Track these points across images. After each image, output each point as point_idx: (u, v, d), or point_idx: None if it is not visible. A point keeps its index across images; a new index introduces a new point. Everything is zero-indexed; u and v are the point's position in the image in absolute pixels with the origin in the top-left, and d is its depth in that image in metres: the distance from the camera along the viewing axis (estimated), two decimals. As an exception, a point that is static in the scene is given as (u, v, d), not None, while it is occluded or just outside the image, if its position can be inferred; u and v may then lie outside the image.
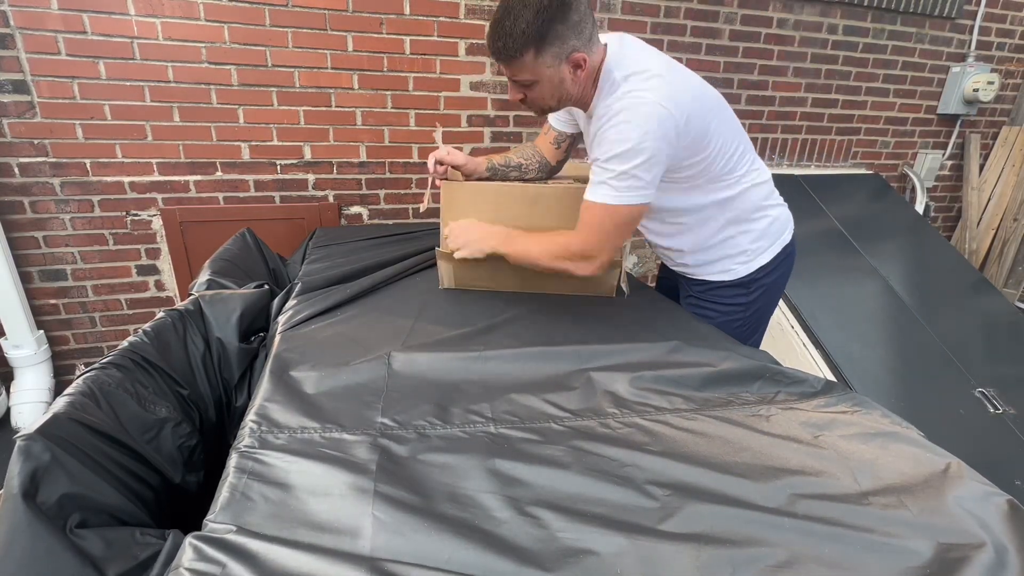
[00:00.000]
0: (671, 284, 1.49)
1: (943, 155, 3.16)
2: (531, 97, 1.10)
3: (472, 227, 1.24)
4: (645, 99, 1.02)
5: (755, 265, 1.29)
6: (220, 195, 2.09)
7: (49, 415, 0.67)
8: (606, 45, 1.09)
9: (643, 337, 1.08)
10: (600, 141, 1.07)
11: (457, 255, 1.22)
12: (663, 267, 1.55)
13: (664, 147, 1.04)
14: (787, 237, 1.33)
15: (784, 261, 1.33)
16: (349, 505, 0.61)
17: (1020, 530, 0.59)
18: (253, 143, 2.06)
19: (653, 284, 1.74)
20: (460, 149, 1.35)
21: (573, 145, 1.43)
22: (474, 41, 2.17)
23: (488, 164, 1.36)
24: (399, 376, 0.90)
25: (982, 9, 2.85)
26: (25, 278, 1.97)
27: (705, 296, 1.34)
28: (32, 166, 1.87)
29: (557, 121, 1.36)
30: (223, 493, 0.63)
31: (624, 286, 1.33)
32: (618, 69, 1.08)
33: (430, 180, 1.30)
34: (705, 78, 1.19)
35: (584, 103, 1.15)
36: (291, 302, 1.19)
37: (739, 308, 1.33)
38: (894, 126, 2.99)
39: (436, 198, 1.31)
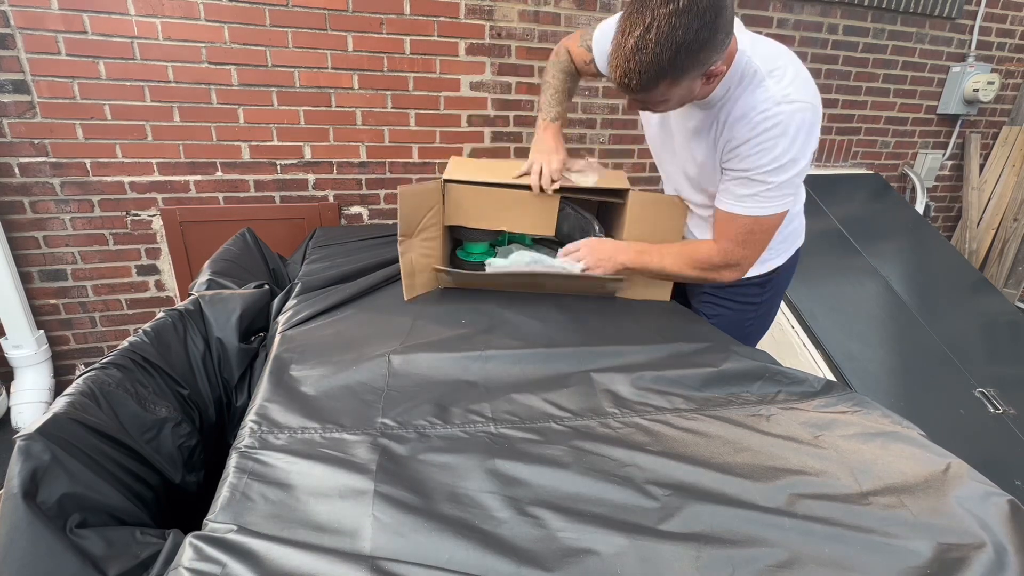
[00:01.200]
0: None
1: (943, 155, 3.16)
2: (651, 103, 1.01)
3: (601, 244, 1.24)
4: (795, 104, 0.97)
5: (774, 264, 1.29)
6: (220, 195, 2.09)
7: (49, 415, 0.67)
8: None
9: (643, 337, 1.08)
10: (750, 151, 1.01)
11: (593, 272, 1.22)
12: None
13: (814, 146, 1.03)
14: (802, 238, 1.34)
15: (794, 261, 1.34)
16: (349, 505, 0.61)
17: (1020, 530, 0.59)
18: (253, 143, 2.06)
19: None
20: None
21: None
22: (474, 41, 2.17)
23: (561, 121, 1.32)
24: (399, 376, 0.90)
25: (982, 9, 2.85)
26: (25, 278, 1.97)
27: (720, 293, 1.34)
28: (32, 166, 1.87)
29: (599, 58, 1.22)
30: (223, 493, 0.63)
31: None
32: (756, 60, 1.00)
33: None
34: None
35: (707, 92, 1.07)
36: (291, 302, 1.19)
37: (752, 307, 1.33)
38: (894, 126, 2.99)
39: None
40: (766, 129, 0.98)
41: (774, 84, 0.99)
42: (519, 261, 1.26)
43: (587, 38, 1.26)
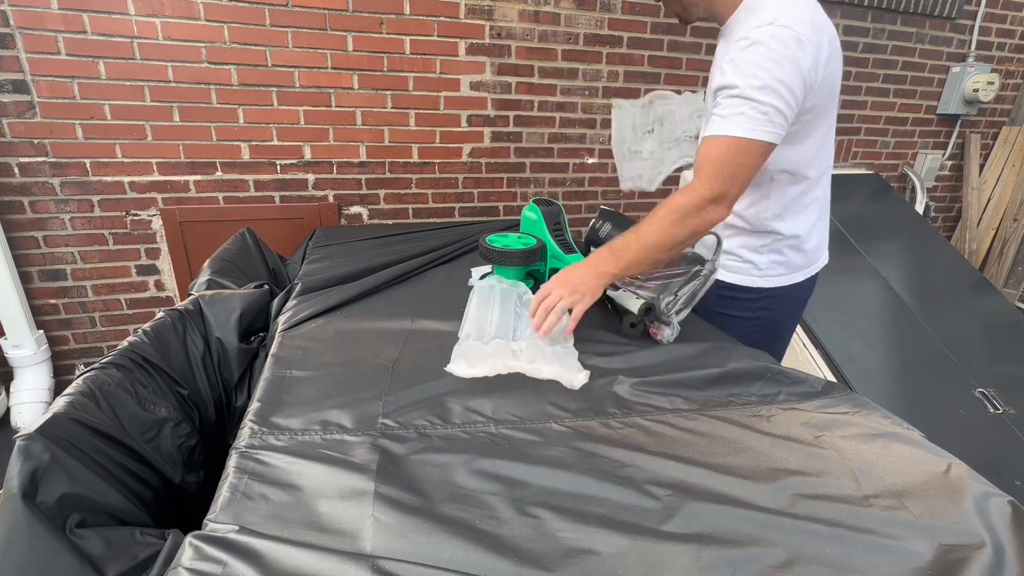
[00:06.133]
0: None
1: (943, 155, 3.16)
2: None
3: (566, 274, 1.05)
4: (775, 27, 0.96)
5: (766, 283, 1.24)
6: (220, 195, 2.09)
7: (49, 415, 0.67)
8: None
9: (644, 337, 1.08)
10: (735, 67, 0.98)
11: (576, 312, 1.00)
12: None
13: (795, 77, 0.96)
14: (800, 273, 1.26)
15: (796, 293, 1.29)
16: (350, 506, 0.61)
17: (1021, 531, 0.59)
18: (253, 143, 2.06)
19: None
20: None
21: None
22: (474, 41, 2.17)
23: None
24: (399, 376, 0.90)
25: (982, 9, 2.85)
26: (25, 278, 1.97)
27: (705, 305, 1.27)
28: (32, 166, 1.87)
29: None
30: (223, 493, 0.63)
31: None
32: None
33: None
34: (706, 79, 1.19)
35: (718, 12, 1.09)
36: (291, 302, 1.19)
37: (743, 320, 1.28)
38: (894, 126, 2.99)
39: None
40: (743, 48, 0.97)
41: (769, 12, 0.99)
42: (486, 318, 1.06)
43: None
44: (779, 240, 1.20)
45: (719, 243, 1.12)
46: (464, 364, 0.92)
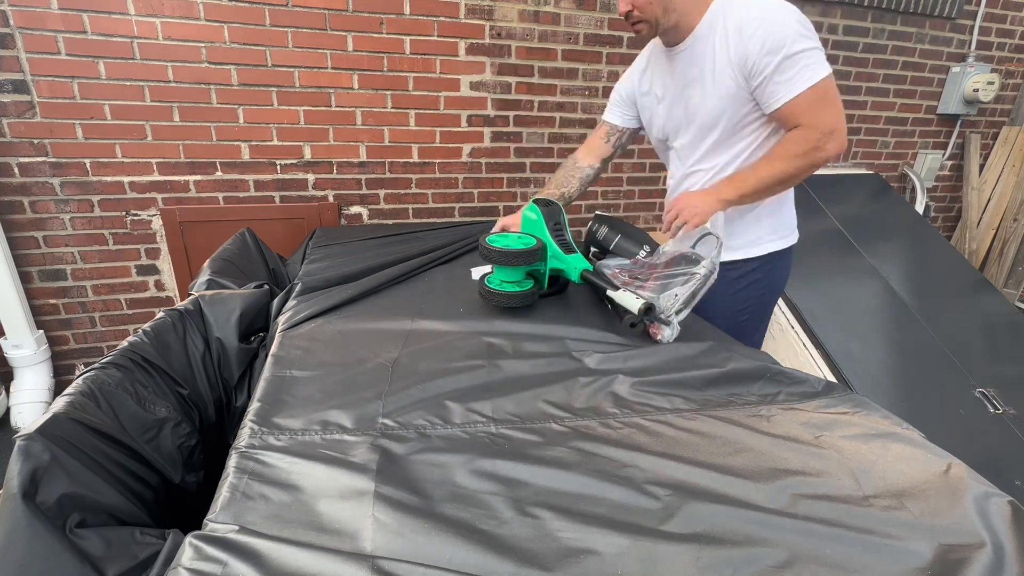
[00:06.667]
0: None
1: (943, 155, 3.16)
2: (638, 5, 1.16)
3: (688, 196, 1.25)
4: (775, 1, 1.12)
5: (768, 248, 1.35)
6: (220, 195, 2.09)
7: (49, 415, 0.67)
8: None
9: (644, 337, 1.08)
10: (761, 45, 1.10)
11: (688, 225, 1.20)
12: None
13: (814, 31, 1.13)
14: (796, 234, 1.40)
15: (788, 258, 1.40)
16: (350, 506, 0.61)
17: (1021, 531, 0.59)
18: (253, 143, 2.06)
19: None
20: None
21: (624, 142, 1.48)
22: (474, 41, 2.17)
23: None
24: (399, 376, 0.90)
25: (982, 9, 2.85)
26: (25, 278, 1.97)
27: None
28: (32, 166, 1.87)
29: (612, 114, 1.46)
30: (223, 493, 0.63)
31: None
32: None
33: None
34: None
35: (687, 20, 1.19)
36: (291, 302, 1.19)
37: (744, 293, 1.38)
38: (894, 126, 2.99)
39: None
40: (764, 14, 1.11)
41: (740, 6, 1.14)
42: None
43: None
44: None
45: (719, 243, 1.12)
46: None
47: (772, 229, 1.34)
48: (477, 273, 1.31)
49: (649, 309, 1.02)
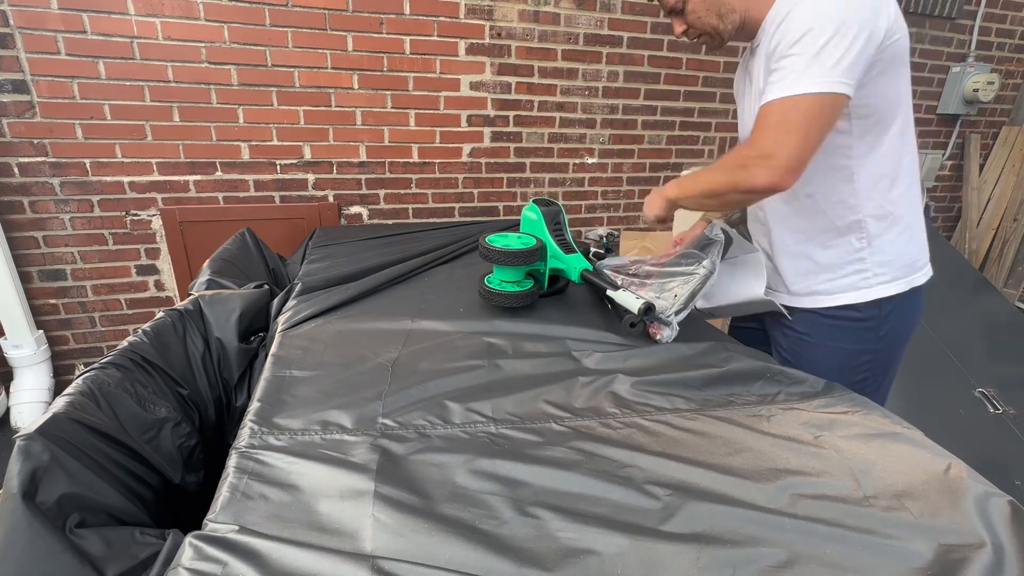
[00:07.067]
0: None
1: (943, 155, 3.16)
2: (691, 22, 1.03)
3: (651, 193, 1.18)
4: None
5: (877, 294, 1.11)
6: (220, 195, 2.09)
7: (48, 415, 0.67)
8: None
9: (644, 337, 1.08)
10: (779, 35, 0.93)
11: (648, 217, 1.17)
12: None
13: (859, 16, 0.87)
14: (923, 273, 1.14)
15: (914, 301, 1.15)
16: (350, 506, 0.61)
17: (1021, 531, 0.59)
18: (253, 143, 2.06)
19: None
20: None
21: None
22: (474, 41, 2.17)
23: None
24: (399, 376, 0.90)
25: (982, 9, 2.85)
26: (25, 278, 1.97)
27: (802, 326, 1.19)
28: (32, 166, 1.87)
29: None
30: (223, 493, 0.63)
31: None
32: None
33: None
34: (706, 78, 1.19)
35: (752, 20, 1.01)
36: (291, 302, 1.19)
37: (857, 348, 1.19)
38: (894, 126, 2.98)
39: None
40: (790, 10, 0.93)
41: None
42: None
43: None
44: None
45: (721, 244, 1.12)
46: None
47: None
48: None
49: (649, 309, 1.03)
